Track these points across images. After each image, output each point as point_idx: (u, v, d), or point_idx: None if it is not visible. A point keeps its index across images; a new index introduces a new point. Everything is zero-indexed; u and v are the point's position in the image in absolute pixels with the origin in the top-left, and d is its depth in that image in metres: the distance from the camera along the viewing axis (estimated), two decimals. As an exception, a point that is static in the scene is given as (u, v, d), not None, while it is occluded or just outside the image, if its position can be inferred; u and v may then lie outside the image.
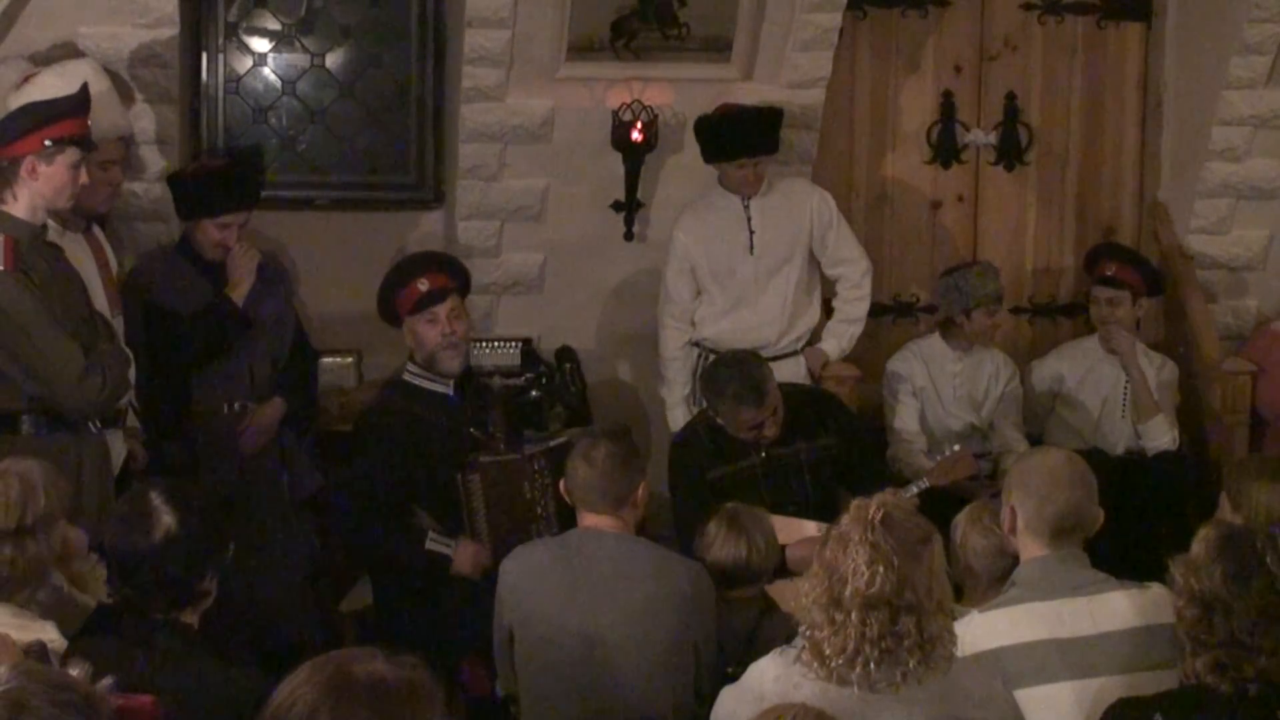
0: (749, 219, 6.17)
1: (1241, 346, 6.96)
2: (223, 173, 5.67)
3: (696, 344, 6.27)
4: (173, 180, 5.72)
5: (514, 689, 4.24)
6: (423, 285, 5.27)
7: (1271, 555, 3.15)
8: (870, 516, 3.17)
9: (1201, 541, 3.22)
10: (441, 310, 5.26)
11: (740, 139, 6.05)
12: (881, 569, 3.11)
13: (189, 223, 5.62)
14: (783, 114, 6.19)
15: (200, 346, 5.48)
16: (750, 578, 4.48)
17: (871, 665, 3.11)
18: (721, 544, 4.46)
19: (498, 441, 5.35)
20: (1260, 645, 3.10)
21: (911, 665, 3.11)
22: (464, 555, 5.10)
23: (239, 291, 5.51)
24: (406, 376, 5.34)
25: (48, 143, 4.63)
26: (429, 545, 5.10)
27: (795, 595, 3.38)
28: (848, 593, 3.12)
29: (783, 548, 4.74)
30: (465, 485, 5.17)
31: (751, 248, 6.17)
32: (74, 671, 2.27)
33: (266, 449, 5.62)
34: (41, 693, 2.16)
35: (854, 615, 3.11)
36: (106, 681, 2.31)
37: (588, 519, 4.17)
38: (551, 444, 5.35)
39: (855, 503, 3.24)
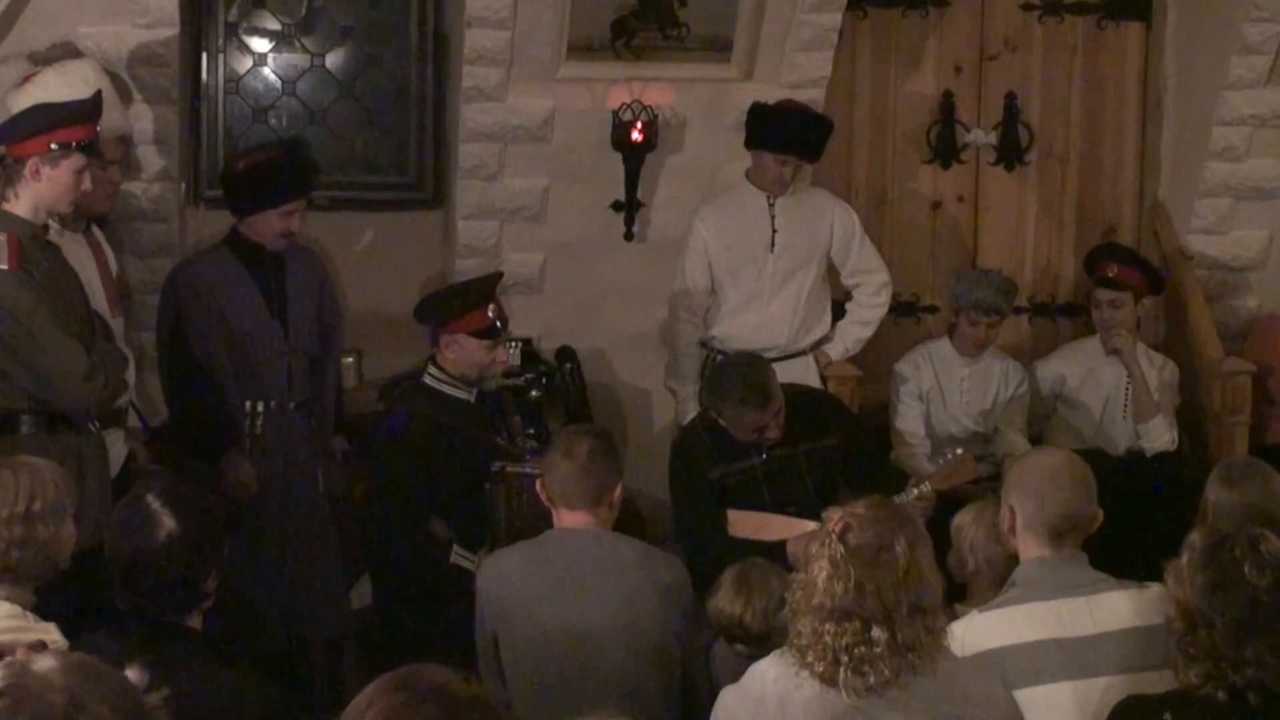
0: (773, 217, 6.18)
1: (1245, 343, 6.95)
2: (280, 162, 5.60)
3: (705, 343, 6.27)
4: (226, 179, 5.67)
5: (500, 696, 4.22)
6: (491, 313, 5.31)
7: (1250, 564, 3.10)
8: (831, 528, 3.19)
9: (1188, 550, 3.18)
10: (500, 340, 5.35)
11: (793, 135, 6.09)
12: (839, 582, 3.12)
13: (246, 219, 5.52)
14: (833, 128, 6.23)
15: (186, 424, 5.48)
16: (747, 638, 4.13)
17: (849, 672, 3.11)
18: (723, 595, 4.19)
19: (523, 451, 5.37)
20: (1244, 657, 3.06)
21: (887, 673, 3.11)
22: None
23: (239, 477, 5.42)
24: (428, 380, 5.33)
25: (54, 146, 4.61)
26: (453, 559, 5.10)
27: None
28: (815, 603, 3.14)
29: (783, 544, 4.81)
30: (491, 494, 5.19)
31: (773, 245, 6.18)
32: (131, 676, 2.18)
33: (300, 446, 5.55)
34: (102, 697, 2.08)
35: (827, 625, 3.13)
36: (162, 694, 2.21)
37: (565, 518, 4.14)
38: None
39: (825, 513, 3.24)
